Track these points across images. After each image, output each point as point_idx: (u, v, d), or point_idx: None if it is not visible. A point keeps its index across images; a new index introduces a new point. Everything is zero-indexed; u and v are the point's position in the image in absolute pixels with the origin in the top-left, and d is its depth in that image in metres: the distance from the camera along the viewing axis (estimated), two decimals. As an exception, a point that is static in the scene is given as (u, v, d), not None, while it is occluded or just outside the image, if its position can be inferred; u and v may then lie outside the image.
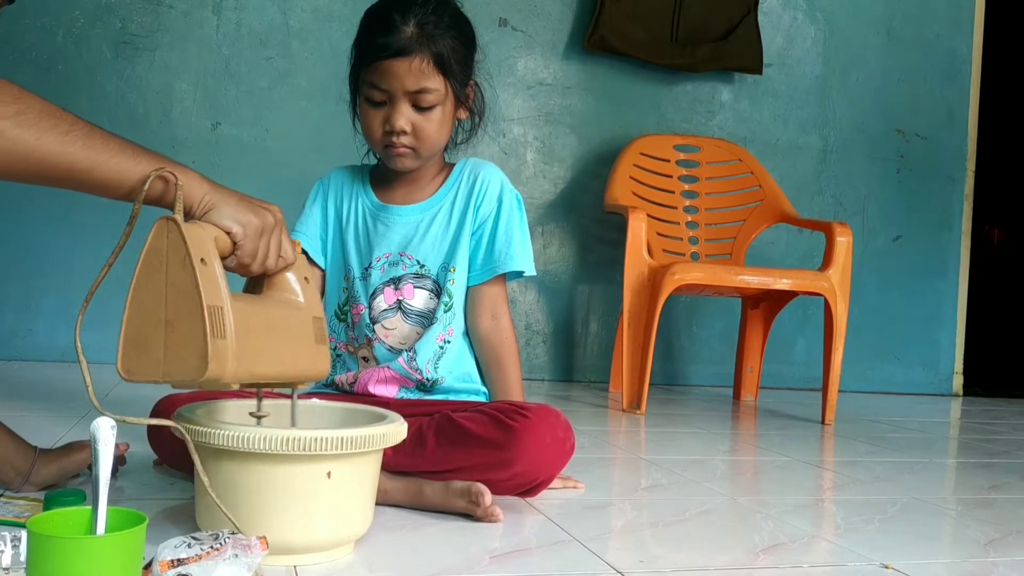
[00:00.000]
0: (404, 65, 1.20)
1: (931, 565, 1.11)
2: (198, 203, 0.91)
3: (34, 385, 2.23)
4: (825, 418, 2.44)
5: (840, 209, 3.33)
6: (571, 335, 3.10)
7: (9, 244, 2.60)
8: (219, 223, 0.91)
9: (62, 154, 0.84)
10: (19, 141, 0.82)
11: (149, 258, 0.85)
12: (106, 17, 2.66)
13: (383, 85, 1.22)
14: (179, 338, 0.83)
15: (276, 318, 0.95)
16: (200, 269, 0.83)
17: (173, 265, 0.84)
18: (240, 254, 0.93)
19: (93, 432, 0.74)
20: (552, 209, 3.06)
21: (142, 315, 0.84)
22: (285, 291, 1.00)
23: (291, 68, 2.80)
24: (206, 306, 0.82)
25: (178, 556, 0.78)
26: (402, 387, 1.30)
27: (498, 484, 1.18)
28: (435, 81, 1.22)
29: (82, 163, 0.85)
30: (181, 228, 0.84)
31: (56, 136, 0.84)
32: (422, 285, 1.30)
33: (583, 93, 3.08)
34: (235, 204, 0.93)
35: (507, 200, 1.33)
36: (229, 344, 0.84)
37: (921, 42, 3.43)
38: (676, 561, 1.06)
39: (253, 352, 0.89)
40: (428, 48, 1.20)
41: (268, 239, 0.95)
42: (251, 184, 2.71)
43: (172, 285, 0.83)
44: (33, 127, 0.83)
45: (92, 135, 0.86)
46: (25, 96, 0.84)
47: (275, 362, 0.94)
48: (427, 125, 1.24)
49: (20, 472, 1.12)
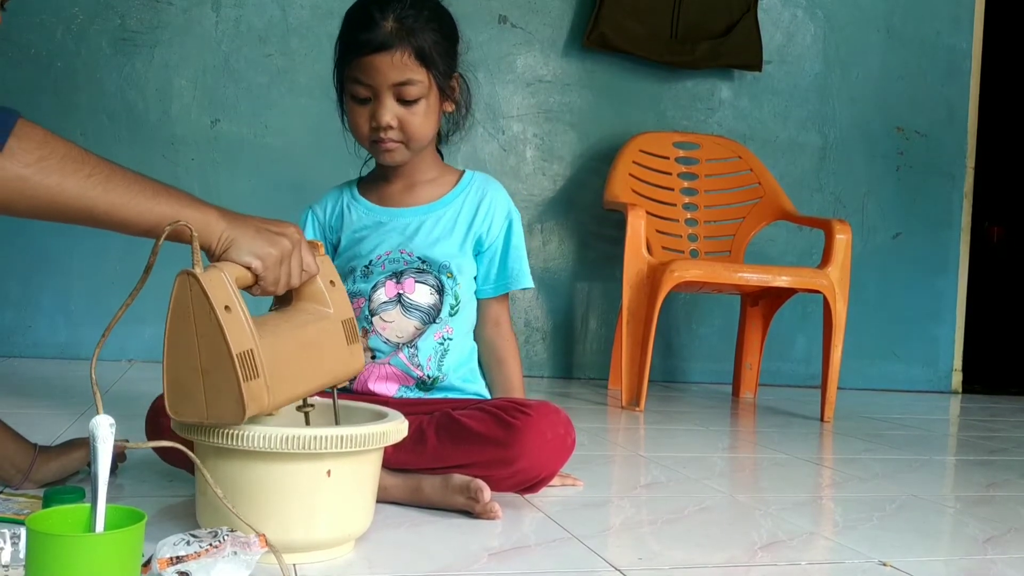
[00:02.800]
0: (386, 59, 1.21)
1: (930, 562, 1.11)
2: (216, 242, 0.93)
3: (33, 382, 2.23)
4: (824, 415, 2.44)
5: (839, 206, 3.33)
6: (570, 332, 3.10)
7: (9, 241, 2.59)
8: (239, 260, 0.93)
9: (82, 198, 0.87)
10: (41, 188, 0.85)
11: (176, 311, 0.88)
12: (105, 14, 2.65)
13: (367, 81, 1.23)
14: (215, 384, 0.87)
15: (307, 335, 0.98)
16: (224, 318, 0.86)
17: (200, 317, 0.86)
18: (263, 284, 0.96)
19: (92, 430, 0.74)
20: (551, 206, 3.06)
21: (179, 363, 0.88)
22: (313, 300, 1.02)
23: (290, 65, 2.80)
24: (235, 354, 0.86)
25: (177, 553, 0.78)
26: (402, 385, 1.31)
27: (499, 481, 1.18)
28: (418, 73, 1.23)
29: (101, 206, 0.88)
30: (201, 282, 0.86)
31: (77, 181, 0.87)
32: (423, 280, 1.31)
33: (582, 90, 3.08)
34: (252, 237, 0.95)
35: (516, 221, 1.38)
36: (263, 383, 0.88)
37: (921, 39, 3.42)
38: (675, 558, 1.06)
39: (289, 379, 0.93)
40: (409, 41, 1.21)
41: (288, 264, 0.97)
42: (249, 181, 2.73)
43: (202, 336, 0.87)
44: (55, 173, 0.86)
45: (112, 178, 0.89)
46: (50, 141, 0.87)
47: (311, 379, 0.98)
48: (412, 119, 1.25)
49: (20, 469, 1.13)
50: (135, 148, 2.64)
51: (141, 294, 0.89)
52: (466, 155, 2.83)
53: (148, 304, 1.08)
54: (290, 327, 0.97)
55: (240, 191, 2.71)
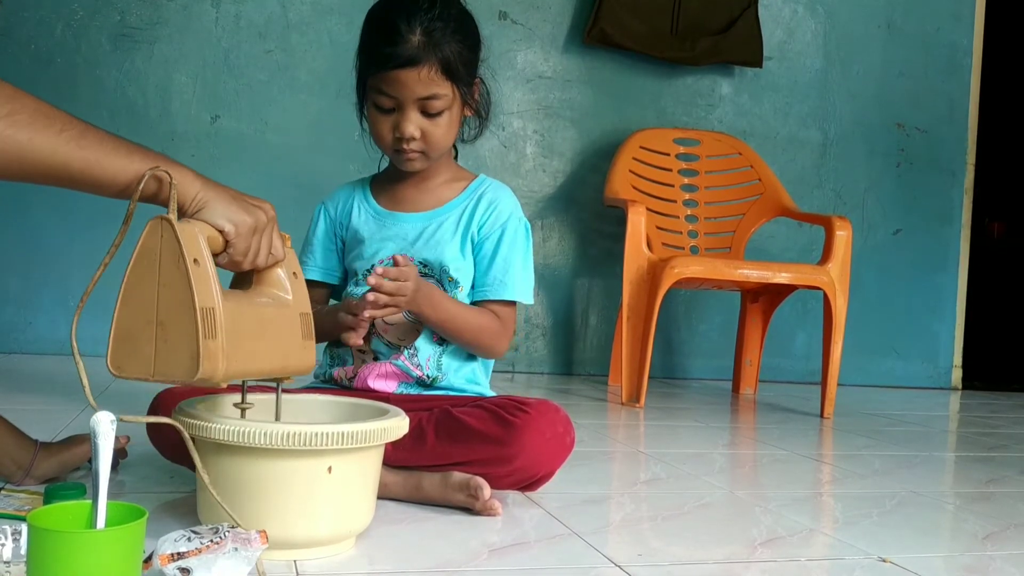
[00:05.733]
0: (413, 75, 1.20)
1: (929, 559, 1.11)
2: (191, 201, 0.91)
3: (34, 378, 2.23)
4: (824, 412, 2.44)
5: (840, 203, 3.33)
6: (570, 329, 3.10)
7: (9, 237, 2.59)
8: (212, 221, 0.91)
9: (55, 154, 0.84)
10: (11, 141, 0.82)
11: (142, 257, 0.85)
12: (105, 10, 2.65)
13: (392, 93, 1.22)
14: (170, 338, 0.83)
15: (265, 316, 0.96)
16: (193, 270, 0.84)
17: (166, 265, 0.84)
18: (232, 252, 0.93)
19: (93, 426, 0.74)
20: (551, 203, 3.06)
21: (133, 313, 0.85)
22: (274, 287, 1.00)
23: (290, 61, 2.79)
24: (199, 307, 0.83)
25: (178, 550, 0.78)
26: (402, 382, 1.31)
27: (498, 479, 1.18)
28: (443, 87, 1.22)
29: (75, 163, 0.85)
30: (175, 228, 0.84)
31: (49, 136, 0.84)
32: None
33: (583, 86, 3.08)
34: (228, 202, 0.93)
35: (511, 227, 1.32)
36: (220, 345, 0.85)
37: (922, 36, 3.42)
38: (674, 554, 1.06)
39: (243, 351, 0.90)
40: (435, 55, 1.20)
41: (260, 237, 0.95)
42: (250, 177, 2.73)
43: (165, 285, 0.84)
44: (26, 127, 0.83)
45: (86, 134, 0.86)
46: (19, 96, 0.84)
47: (264, 359, 0.94)
48: (435, 130, 1.25)
49: (21, 466, 1.13)
50: (135, 144, 2.64)
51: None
52: (466, 151, 2.83)
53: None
54: (251, 305, 0.95)
55: (240, 187, 2.65)
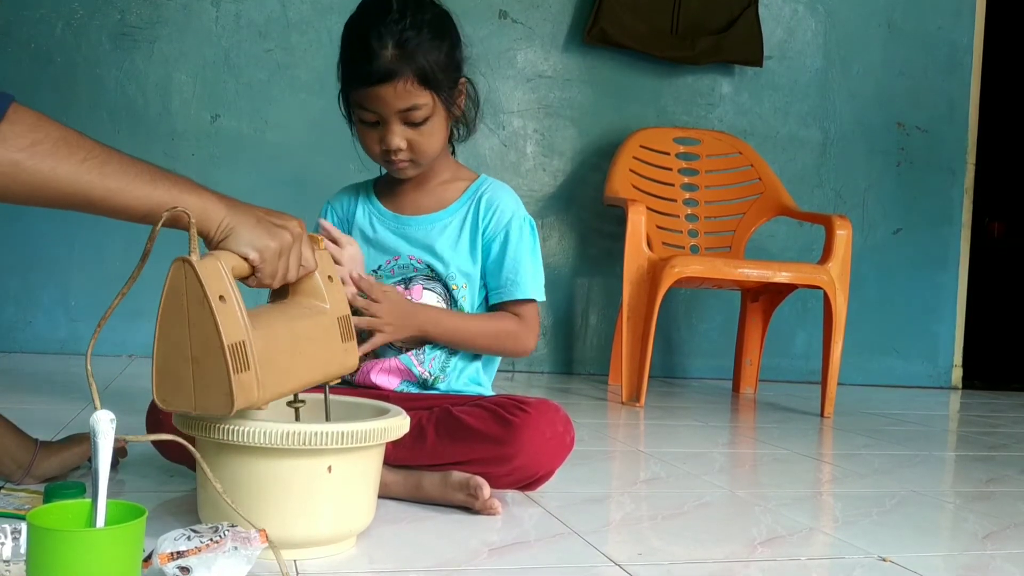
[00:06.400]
0: (389, 89, 1.20)
1: (929, 558, 1.11)
2: (216, 229, 0.91)
3: (34, 377, 2.23)
4: (824, 411, 2.44)
5: (840, 202, 3.33)
6: (571, 328, 3.10)
7: (9, 237, 2.59)
8: (237, 250, 0.91)
9: (77, 183, 0.84)
10: (35, 172, 0.83)
11: (170, 297, 0.86)
12: (105, 9, 2.65)
13: (372, 108, 1.23)
14: (205, 374, 0.85)
15: (301, 329, 0.97)
16: (218, 308, 0.85)
17: (193, 305, 0.85)
18: (260, 276, 0.94)
19: (92, 425, 0.74)
20: (552, 202, 3.06)
21: (170, 350, 0.87)
22: (310, 295, 1.01)
23: (290, 60, 2.79)
24: (227, 345, 0.84)
25: (178, 548, 0.78)
26: (404, 380, 1.31)
27: (498, 478, 1.18)
28: (423, 97, 1.22)
29: (97, 191, 0.85)
30: (196, 270, 0.85)
31: (72, 166, 0.84)
32: (431, 287, 1.31)
33: (583, 86, 3.08)
34: (252, 227, 0.92)
35: (516, 227, 1.32)
36: (253, 375, 0.87)
37: (922, 35, 3.42)
38: (674, 554, 1.06)
39: (280, 373, 0.92)
40: (410, 66, 1.19)
41: (287, 258, 0.95)
42: (250, 176, 2.73)
43: (194, 324, 0.85)
44: (49, 157, 0.83)
45: (109, 162, 0.86)
46: (43, 125, 0.84)
47: (302, 374, 0.96)
48: (421, 139, 1.25)
49: (21, 465, 1.13)
50: (135, 143, 2.64)
51: (141, 289, 0.89)
52: (466, 151, 2.82)
53: (148, 299, 1.08)
54: (284, 321, 0.96)
55: (240, 187, 2.70)
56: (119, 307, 0.85)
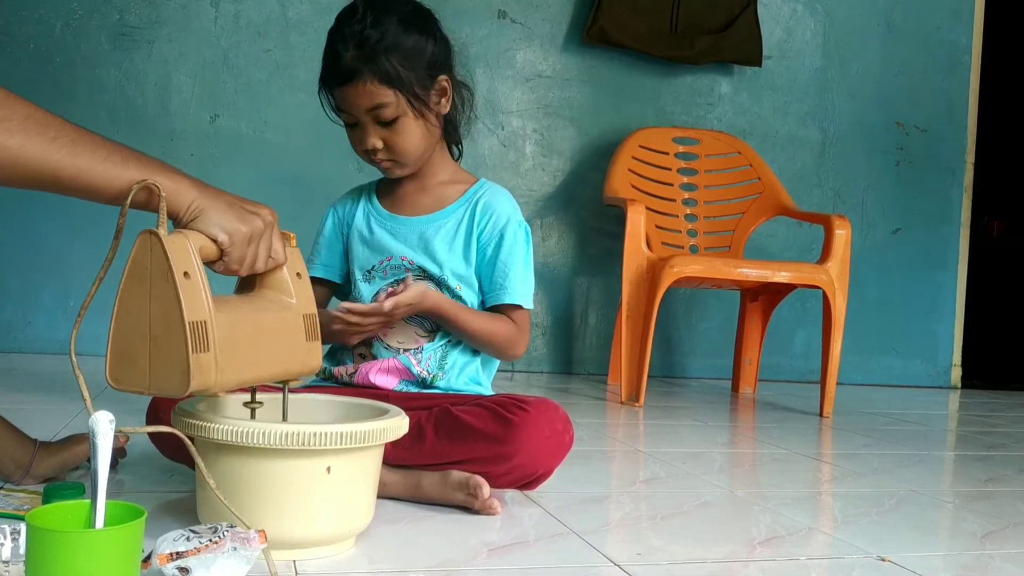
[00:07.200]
0: (352, 90, 1.23)
1: (928, 557, 1.11)
2: (186, 209, 0.90)
3: (34, 377, 2.23)
4: (823, 411, 2.44)
5: (839, 202, 3.33)
6: (570, 327, 3.10)
7: (9, 237, 2.59)
8: (206, 231, 0.90)
9: (46, 161, 0.83)
10: (2, 149, 0.81)
11: (133, 271, 0.85)
12: (104, 9, 2.65)
13: (344, 108, 1.27)
14: (163, 352, 0.83)
15: (265, 321, 0.95)
16: (182, 284, 0.83)
17: (156, 279, 0.83)
18: (227, 261, 0.92)
19: (92, 426, 0.74)
20: (551, 202, 3.06)
21: (128, 327, 0.85)
22: (276, 290, 0.99)
23: (290, 60, 2.79)
24: (188, 322, 0.82)
25: (177, 549, 0.78)
26: (403, 380, 1.31)
27: (497, 477, 1.18)
28: (387, 96, 1.23)
29: (67, 170, 0.84)
30: (163, 242, 0.84)
31: (41, 143, 0.82)
32: None
33: (582, 85, 3.08)
34: (223, 210, 0.91)
35: (510, 232, 1.31)
36: (212, 358, 0.85)
37: (921, 34, 3.42)
38: (674, 553, 1.06)
39: (240, 361, 0.89)
40: (369, 67, 1.21)
41: (256, 245, 0.94)
42: (249, 176, 2.73)
43: (155, 299, 0.83)
44: (18, 134, 0.81)
45: (79, 141, 0.85)
46: (11, 101, 0.82)
47: (263, 366, 0.94)
48: (397, 138, 1.26)
49: (20, 465, 1.13)
50: (134, 143, 2.57)
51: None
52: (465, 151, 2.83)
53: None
54: (249, 311, 0.94)
55: (239, 186, 2.66)
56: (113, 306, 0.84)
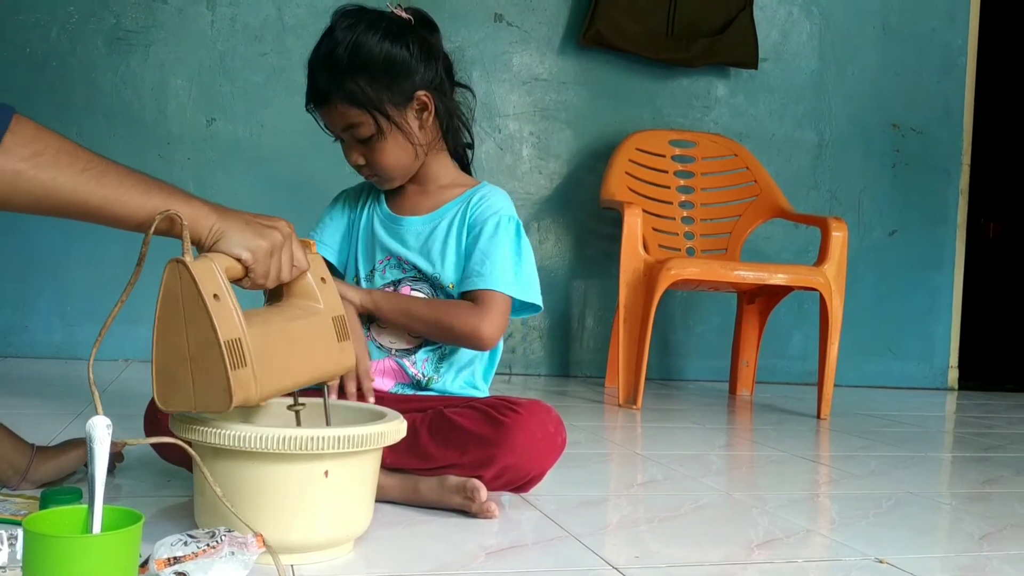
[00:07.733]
0: (325, 112, 1.28)
1: (925, 559, 1.11)
2: (207, 234, 0.94)
3: (30, 382, 2.23)
4: (820, 412, 2.44)
5: (835, 204, 3.33)
6: (567, 330, 3.10)
7: (5, 241, 2.59)
8: (229, 252, 0.94)
9: (76, 193, 0.88)
10: (36, 182, 0.86)
11: (166, 299, 0.88)
12: (100, 13, 2.65)
13: (327, 127, 1.30)
14: (203, 371, 0.87)
15: (296, 329, 0.99)
16: (213, 306, 0.87)
17: (188, 304, 0.87)
18: (253, 276, 0.96)
19: (89, 431, 0.74)
20: (548, 204, 3.06)
21: (168, 351, 0.89)
22: (304, 297, 1.03)
23: (286, 64, 2.79)
24: (223, 341, 0.86)
25: (174, 554, 0.78)
26: (398, 381, 1.31)
27: (489, 480, 1.18)
28: (359, 116, 1.25)
29: (95, 200, 0.89)
30: (190, 269, 0.87)
31: (71, 175, 0.87)
32: (419, 289, 1.31)
33: (579, 88, 3.08)
34: (242, 229, 0.95)
35: (492, 222, 1.29)
36: (250, 372, 0.89)
37: (917, 36, 3.43)
38: (671, 556, 1.06)
39: (277, 370, 0.93)
40: (337, 90, 1.24)
41: (279, 257, 0.98)
42: (245, 180, 2.73)
43: (190, 323, 0.87)
44: (50, 167, 0.86)
45: (106, 173, 0.90)
46: (43, 136, 0.87)
47: (300, 372, 0.98)
48: (374, 155, 1.28)
49: (17, 470, 1.12)
50: (131, 147, 2.64)
51: (138, 294, 0.90)
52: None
53: (143, 304, 1.08)
54: (280, 321, 0.98)
55: (236, 190, 2.70)
56: (109, 308, 0.86)
